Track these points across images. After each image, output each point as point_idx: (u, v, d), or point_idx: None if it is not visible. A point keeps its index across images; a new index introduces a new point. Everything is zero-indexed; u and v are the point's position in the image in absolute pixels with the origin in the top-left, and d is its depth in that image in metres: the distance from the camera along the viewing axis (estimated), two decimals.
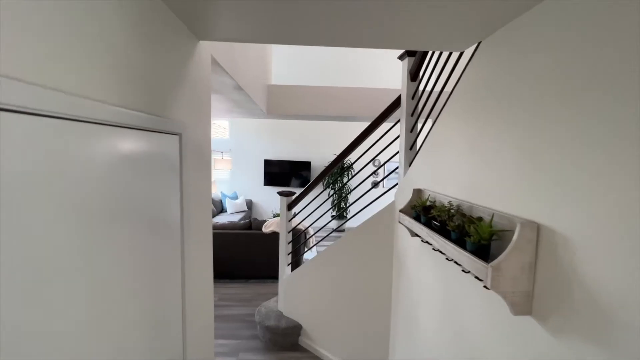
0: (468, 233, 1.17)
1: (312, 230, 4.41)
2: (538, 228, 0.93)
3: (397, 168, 2.38)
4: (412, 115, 2.19)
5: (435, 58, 1.98)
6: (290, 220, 3.21)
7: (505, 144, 1.11)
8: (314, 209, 3.24)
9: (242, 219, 6.98)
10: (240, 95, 2.74)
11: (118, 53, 0.88)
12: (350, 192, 3.26)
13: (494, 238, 1.07)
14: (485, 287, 1.10)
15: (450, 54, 1.80)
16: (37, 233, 0.61)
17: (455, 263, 1.26)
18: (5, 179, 0.54)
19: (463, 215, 1.25)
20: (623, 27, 0.71)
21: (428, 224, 1.48)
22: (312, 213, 3.23)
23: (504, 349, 1.11)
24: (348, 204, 7.87)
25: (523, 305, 0.95)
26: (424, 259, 1.79)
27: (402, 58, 2.25)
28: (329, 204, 7.78)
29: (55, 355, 0.67)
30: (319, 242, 4.01)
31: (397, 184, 2.40)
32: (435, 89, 2.02)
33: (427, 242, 1.57)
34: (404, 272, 2.13)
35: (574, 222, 0.82)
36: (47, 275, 0.64)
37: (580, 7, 0.83)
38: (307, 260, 3.26)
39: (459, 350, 1.43)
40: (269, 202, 8.21)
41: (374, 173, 3.03)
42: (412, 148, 2.20)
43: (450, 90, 1.61)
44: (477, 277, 1.10)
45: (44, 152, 0.63)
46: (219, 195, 7.75)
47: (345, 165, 7.71)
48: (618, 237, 0.71)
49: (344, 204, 7.81)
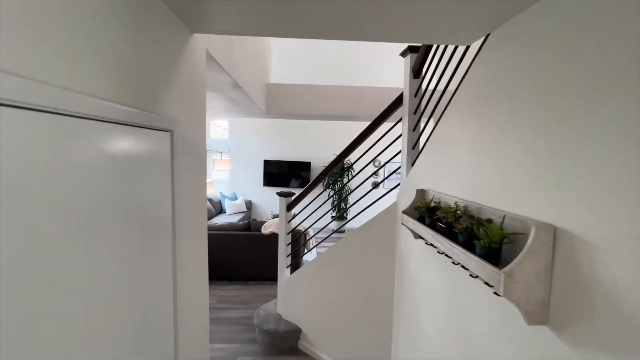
0: (477, 236, 1.10)
1: (312, 232, 4.34)
2: (554, 231, 0.87)
3: (398, 168, 2.32)
4: (414, 114, 2.13)
5: (439, 55, 1.92)
6: (290, 222, 3.14)
7: (517, 143, 1.05)
8: (314, 210, 3.18)
9: (241, 220, 6.91)
10: (238, 93, 2.68)
11: (104, 43, 0.81)
12: (351, 192, 3.19)
13: (505, 241, 1.01)
14: (496, 293, 1.03)
15: (455, 50, 1.74)
16: (9, 235, 0.55)
17: (463, 267, 1.19)
18: None
19: (471, 217, 1.18)
20: None
21: (433, 226, 1.42)
22: (311, 214, 3.17)
23: None
24: (348, 205, 7.80)
25: (538, 314, 0.88)
26: (428, 262, 1.73)
27: (404, 55, 2.19)
28: (329, 205, 7.72)
29: None
30: (319, 243, 3.95)
31: (398, 185, 2.33)
32: (439, 88, 1.96)
33: (431, 244, 1.51)
34: (407, 274, 2.06)
35: (596, 224, 0.75)
36: (21, 279, 0.58)
37: None
38: (307, 262, 3.19)
39: (466, 358, 1.37)
40: (269, 202, 8.15)
41: (375, 174, 2.97)
42: (414, 147, 2.14)
43: (455, 88, 1.54)
44: (486, 282, 1.04)
45: (20, 147, 0.56)
46: (218, 196, 7.69)
47: (345, 166, 7.66)
48: None
49: (344, 205, 7.75)
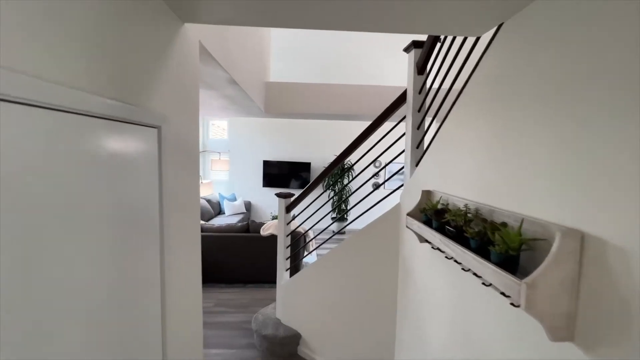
0: (491, 241, 1.01)
1: (312, 233, 4.25)
2: (582, 237, 0.78)
3: (402, 168, 2.23)
4: (418, 111, 2.04)
5: (445, 50, 1.83)
6: (289, 223, 3.05)
7: (537, 139, 0.96)
8: (314, 212, 3.09)
9: (240, 221, 6.82)
10: (235, 91, 2.59)
11: (82, 29, 0.73)
12: (351, 194, 3.10)
13: (524, 248, 0.92)
14: (513, 304, 0.94)
15: (462, 46, 1.65)
16: None
17: (475, 275, 1.10)
18: None
19: (484, 221, 1.09)
20: None
21: (441, 230, 1.33)
22: (311, 216, 3.07)
23: None
24: (349, 207, 7.71)
25: (563, 330, 0.79)
26: (435, 268, 1.64)
27: (407, 50, 2.10)
28: (330, 206, 7.64)
29: None
30: (320, 245, 3.86)
31: (402, 186, 2.24)
32: (444, 85, 1.87)
33: (438, 249, 1.42)
34: (412, 279, 1.97)
35: (634, 229, 0.66)
36: None
37: None
38: (306, 265, 3.10)
39: None
40: (268, 203, 8.05)
41: (375, 175, 2.89)
42: (419, 147, 2.05)
43: (463, 84, 1.46)
44: (503, 292, 0.95)
45: None
46: (217, 197, 7.60)
47: (346, 167, 7.57)
48: None
49: (345, 206, 7.65)
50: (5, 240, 0.54)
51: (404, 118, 2.22)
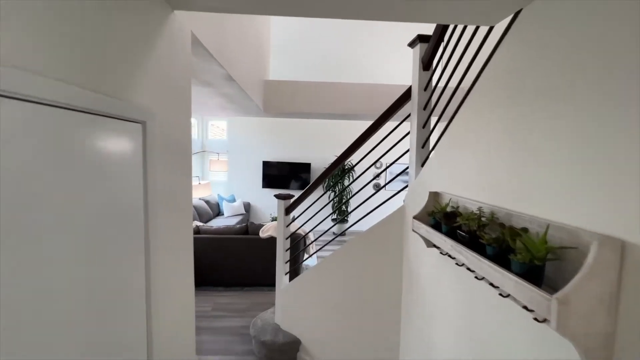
0: (510, 248, 0.92)
1: (312, 236, 4.14)
2: (622, 246, 0.68)
3: (406, 169, 2.13)
4: (424, 109, 1.95)
5: (453, 44, 1.73)
6: (289, 226, 2.95)
7: (563, 135, 0.86)
8: (315, 214, 2.99)
9: (239, 223, 6.72)
10: (233, 88, 2.50)
11: (58, 11, 0.63)
12: (352, 196, 3.00)
13: (550, 257, 0.82)
14: (537, 319, 0.85)
15: (472, 39, 1.55)
16: None
17: (492, 285, 1.01)
18: None
19: (501, 226, 1.00)
20: None
21: (451, 234, 1.23)
22: (312, 217, 2.97)
23: None
24: (350, 209, 7.61)
25: (601, 351, 0.70)
26: (444, 274, 1.54)
27: (412, 45, 2.01)
28: (330, 208, 7.55)
29: None
30: (321, 248, 3.76)
31: (406, 187, 2.15)
32: (450, 83, 1.77)
33: (447, 254, 1.33)
34: (417, 285, 1.87)
35: None
36: None
37: None
38: (306, 269, 3.00)
39: None
40: (268, 205, 7.96)
41: (377, 176, 2.80)
42: (424, 146, 1.96)
43: (474, 78, 1.36)
44: (525, 307, 0.85)
45: None
46: (216, 198, 7.51)
47: (346, 167, 7.47)
48: None
49: (346, 208, 7.56)
50: None
51: (409, 116, 2.13)
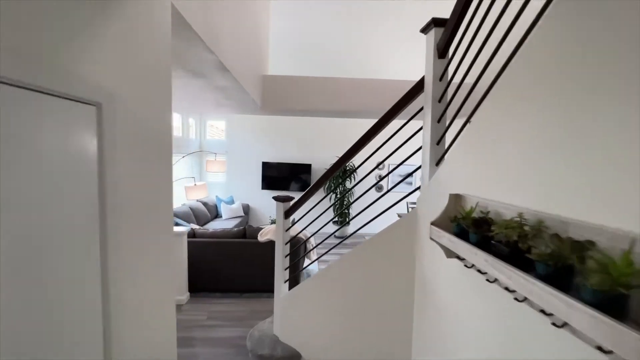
0: (573, 267, 0.71)
1: (314, 241, 3.94)
2: None
3: (418, 168, 1.93)
4: (439, 101, 1.74)
5: (474, 29, 1.52)
6: (288, 230, 2.74)
7: None
8: (316, 218, 2.78)
9: (237, 225, 6.52)
10: (227, 80, 2.29)
11: None
12: (355, 200, 2.79)
13: (636, 284, 0.61)
14: None
15: (498, 21, 1.34)
16: None
17: (543, 313, 0.80)
18: None
19: (557, 238, 0.79)
20: None
21: (482, 245, 1.02)
22: (313, 221, 2.76)
23: None
24: (351, 211, 7.40)
25: None
26: (470, 291, 1.33)
27: (425, 30, 1.81)
28: (332, 211, 7.34)
29: None
30: (324, 254, 3.55)
31: (418, 188, 1.94)
32: (473, 72, 1.57)
33: (478, 269, 1.12)
34: (434, 300, 1.66)
35: None
36: None
37: None
38: (307, 276, 2.79)
39: None
40: (267, 207, 7.75)
41: (380, 179, 2.61)
42: (439, 143, 1.75)
43: (502, 66, 1.16)
44: (600, 347, 0.65)
45: None
46: (214, 200, 7.31)
47: (348, 169, 7.27)
48: None
49: (348, 211, 7.34)
50: None
51: (420, 112, 1.92)
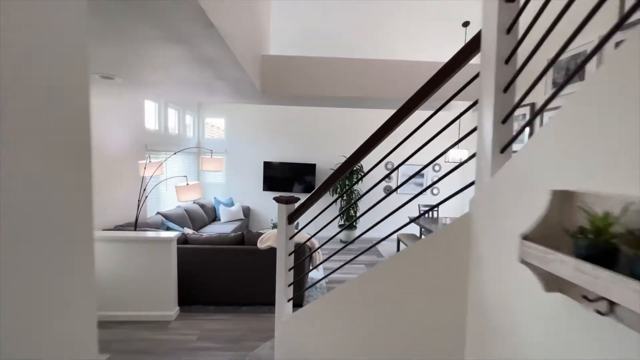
0: None
1: (317, 242, 3.45)
2: None
3: (473, 156, 1.44)
4: (506, 63, 1.25)
5: None
6: (292, 238, 2.25)
7: None
8: (326, 224, 2.28)
9: (237, 229, 6.03)
10: (217, 47, 1.79)
11: None
12: (360, 198, 2.29)
13: None
14: None
15: None
16: None
17: None
18: None
19: None
20: None
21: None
22: (323, 228, 2.26)
23: None
24: (357, 214, 6.89)
25: None
26: (593, 347, 0.81)
27: None
28: (337, 212, 6.84)
29: None
30: (329, 258, 3.05)
31: (472, 183, 1.45)
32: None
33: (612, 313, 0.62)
34: (513, 348, 1.15)
35: None
36: None
37: None
38: (311, 284, 2.29)
39: None
40: (269, 209, 7.27)
41: (386, 178, 2.09)
42: (506, 120, 1.26)
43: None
44: None
45: None
46: (212, 202, 6.84)
47: (355, 169, 6.78)
48: None
49: (354, 212, 6.85)
50: None
51: (478, 75, 1.43)
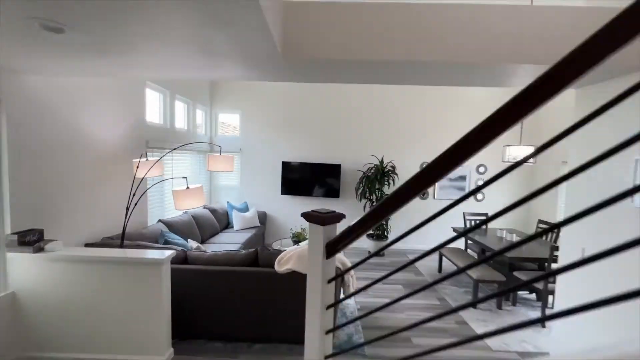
0: None
1: (348, 261, 2.59)
2: None
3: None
4: None
5: None
6: (332, 281, 1.38)
7: None
8: (369, 258, 1.39)
9: (251, 239, 5.22)
10: None
11: None
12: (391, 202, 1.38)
13: None
14: None
15: None
16: None
17: None
18: None
19: None
20: None
21: None
22: (367, 258, 1.38)
23: None
24: (390, 222, 5.96)
25: None
26: None
27: None
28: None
29: None
30: (355, 267, 2.17)
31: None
32: None
33: None
34: None
35: None
36: None
37: None
38: (343, 316, 1.41)
39: None
40: (287, 216, 6.45)
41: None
42: None
43: None
44: None
45: None
46: (225, 207, 6.07)
47: (387, 169, 5.86)
48: None
49: (386, 222, 5.90)
50: None
51: None
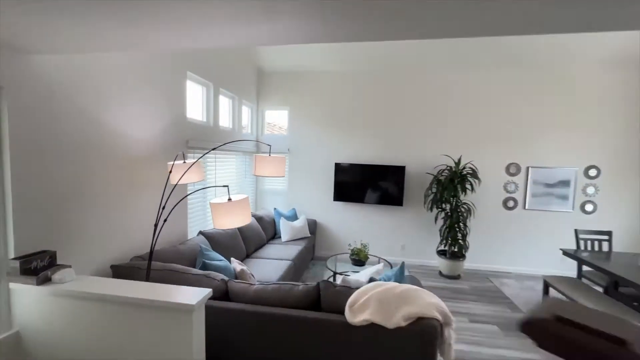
0: None
1: (450, 317, 1.68)
2: None
3: None
4: None
5: None
6: None
7: None
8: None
9: (302, 253, 4.42)
10: None
11: None
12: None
13: None
14: None
15: None
16: None
17: None
18: None
19: None
20: None
21: None
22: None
23: None
24: (469, 238, 4.83)
25: None
26: None
27: None
28: (438, 236, 4.88)
29: None
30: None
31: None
32: None
33: None
34: None
35: None
36: None
37: None
38: None
39: None
40: (341, 225, 5.60)
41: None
42: None
43: None
44: None
45: None
46: (271, 214, 5.37)
47: (464, 172, 4.76)
48: None
49: (463, 239, 4.79)
50: None
51: None
